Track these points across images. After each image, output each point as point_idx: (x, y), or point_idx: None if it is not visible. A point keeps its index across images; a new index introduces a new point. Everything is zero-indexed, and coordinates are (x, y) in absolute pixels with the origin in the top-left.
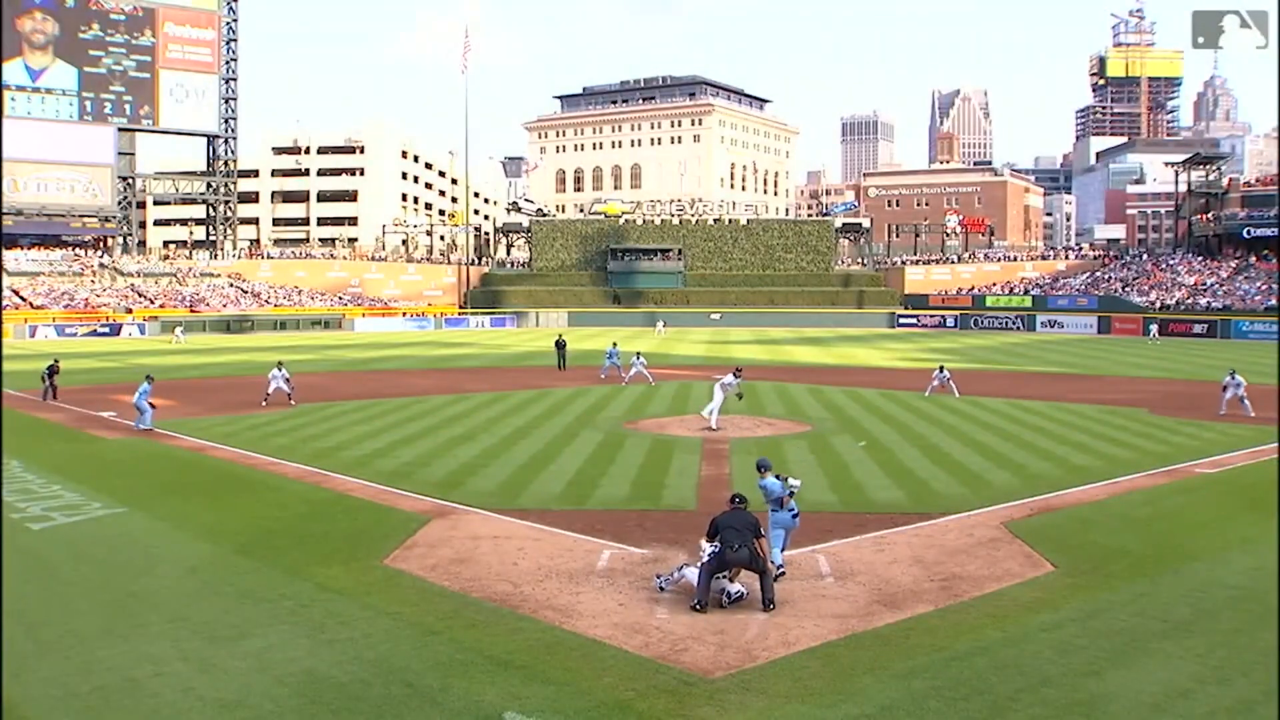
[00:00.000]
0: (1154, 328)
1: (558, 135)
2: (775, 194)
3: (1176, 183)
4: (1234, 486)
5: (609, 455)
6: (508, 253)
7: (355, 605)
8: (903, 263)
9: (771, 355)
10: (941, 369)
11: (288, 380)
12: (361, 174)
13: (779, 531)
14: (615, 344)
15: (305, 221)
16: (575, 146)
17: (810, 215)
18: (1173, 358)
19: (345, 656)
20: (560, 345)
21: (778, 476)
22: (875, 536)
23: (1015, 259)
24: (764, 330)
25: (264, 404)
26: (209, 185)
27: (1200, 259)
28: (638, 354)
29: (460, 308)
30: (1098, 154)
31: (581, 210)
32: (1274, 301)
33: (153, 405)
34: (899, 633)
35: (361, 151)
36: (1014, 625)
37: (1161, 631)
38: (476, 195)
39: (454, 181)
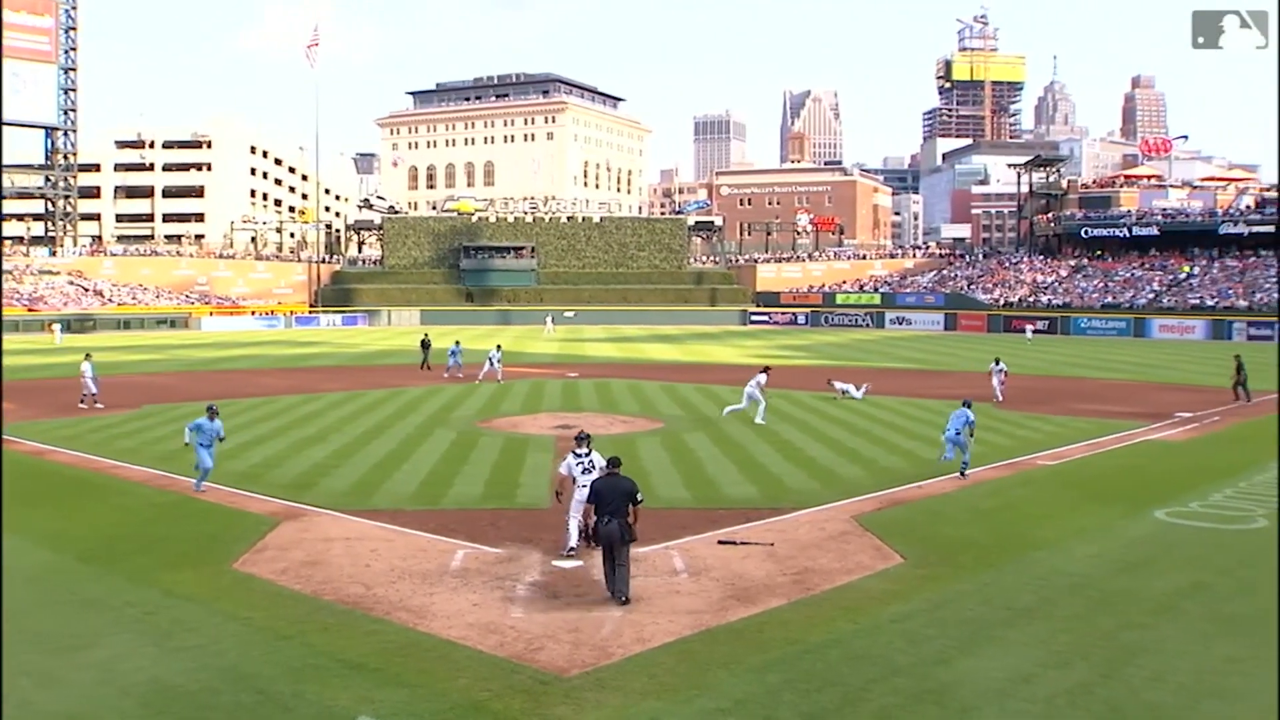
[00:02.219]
0: (1030, 327)
1: (410, 132)
2: (628, 192)
3: (1019, 184)
4: (1074, 478)
5: (462, 454)
6: (359, 250)
7: (204, 611)
8: (755, 261)
9: (625, 353)
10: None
11: (95, 379)
12: (209, 169)
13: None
14: (458, 341)
15: (150, 218)
16: (428, 143)
17: (663, 213)
18: (1021, 354)
19: (193, 664)
20: (425, 344)
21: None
22: (729, 531)
23: (865, 257)
24: (618, 328)
25: (84, 405)
26: (47, 179)
27: (1041, 258)
28: (497, 346)
29: (311, 306)
30: (944, 155)
31: (434, 207)
32: (1110, 300)
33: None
34: (752, 627)
35: (209, 146)
36: (865, 617)
37: (1007, 619)
38: (328, 192)
39: (304, 178)
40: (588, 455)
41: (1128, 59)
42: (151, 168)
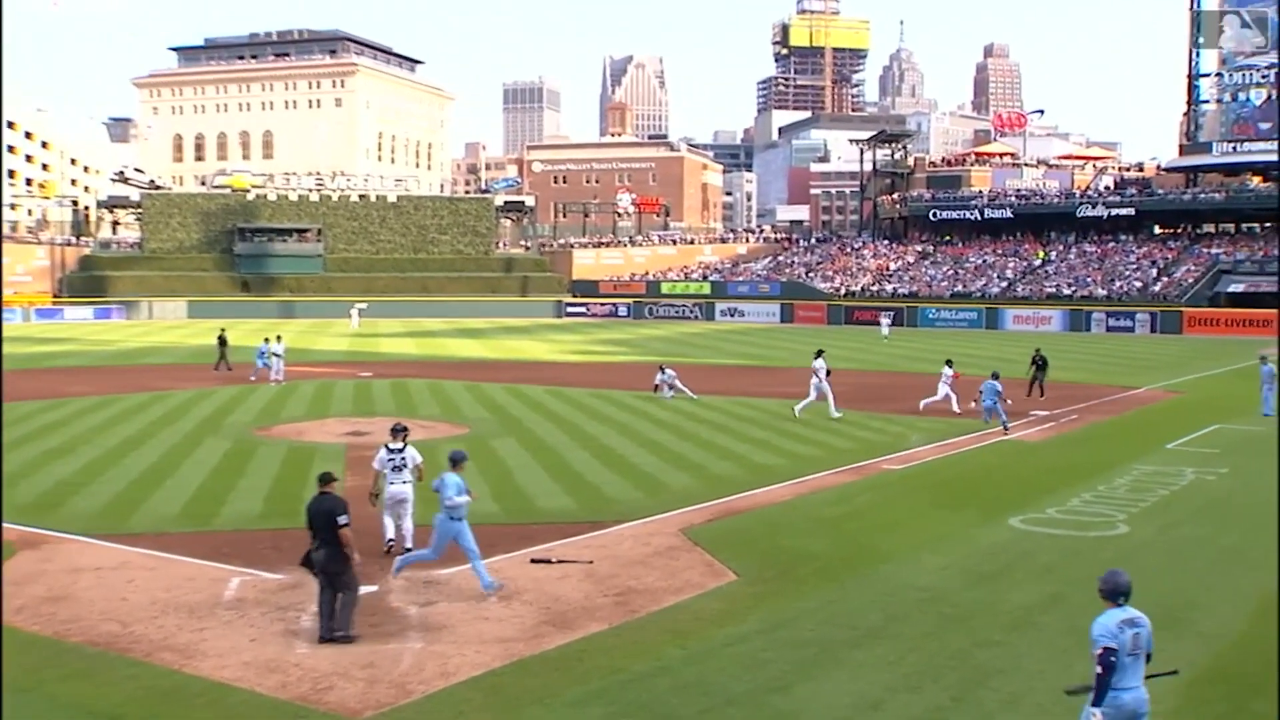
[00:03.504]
0: (885, 319)
1: (175, 94)
2: (429, 168)
3: (861, 161)
4: (922, 483)
5: (237, 467)
6: (114, 231)
7: None
8: (571, 246)
9: (425, 349)
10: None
11: None
12: None
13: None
14: (267, 339)
15: None
16: (196, 108)
17: (468, 192)
18: (864, 348)
19: None
20: (222, 341)
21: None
22: (543, 549)
23: (693, 241)
24: (416, 321)
25: None
26: None
27: (886, 243)
28: (277, 337)
29: (55, 296)
30: (780, 129)
31: (204, 183)
32: (960, 288)
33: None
34: (571, 656)
35: None
36: (696, 641)
37: (851, 640)
38: (74, 163)
39: (45, 145)
40: (401, 451)
41: (980, 26)
42: None
